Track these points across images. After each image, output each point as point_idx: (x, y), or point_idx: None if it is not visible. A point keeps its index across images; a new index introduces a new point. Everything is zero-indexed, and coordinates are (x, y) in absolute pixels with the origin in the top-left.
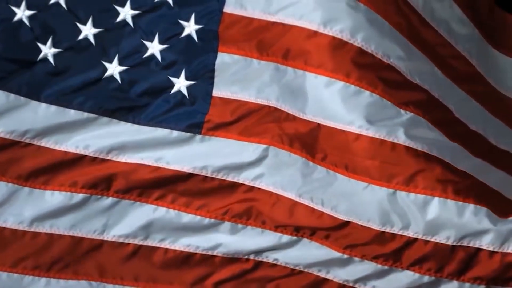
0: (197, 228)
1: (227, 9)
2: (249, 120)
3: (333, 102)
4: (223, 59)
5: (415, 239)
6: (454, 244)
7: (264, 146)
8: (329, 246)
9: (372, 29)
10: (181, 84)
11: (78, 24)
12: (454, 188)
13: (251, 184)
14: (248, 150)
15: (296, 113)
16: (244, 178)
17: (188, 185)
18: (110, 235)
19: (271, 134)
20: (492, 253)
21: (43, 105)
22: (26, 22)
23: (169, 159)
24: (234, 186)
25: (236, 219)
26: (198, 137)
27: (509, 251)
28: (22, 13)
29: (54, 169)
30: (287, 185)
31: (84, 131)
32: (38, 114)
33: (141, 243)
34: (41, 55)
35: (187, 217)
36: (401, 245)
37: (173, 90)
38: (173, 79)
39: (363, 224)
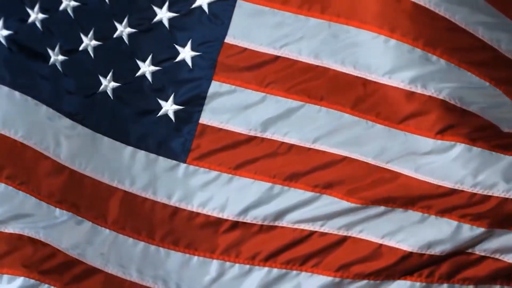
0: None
1: (229, 39)
2: (236, 151)
3: None
4: (216, 88)
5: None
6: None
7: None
8: (320, 272)
9: None
10: (168, 107)
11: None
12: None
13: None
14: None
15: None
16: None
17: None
18: None
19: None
20: (483, 258)
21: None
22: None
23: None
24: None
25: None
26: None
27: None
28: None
29: None
30: None
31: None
32: None
33: None
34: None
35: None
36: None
37: (160, 113)
38: (161, 102)
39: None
